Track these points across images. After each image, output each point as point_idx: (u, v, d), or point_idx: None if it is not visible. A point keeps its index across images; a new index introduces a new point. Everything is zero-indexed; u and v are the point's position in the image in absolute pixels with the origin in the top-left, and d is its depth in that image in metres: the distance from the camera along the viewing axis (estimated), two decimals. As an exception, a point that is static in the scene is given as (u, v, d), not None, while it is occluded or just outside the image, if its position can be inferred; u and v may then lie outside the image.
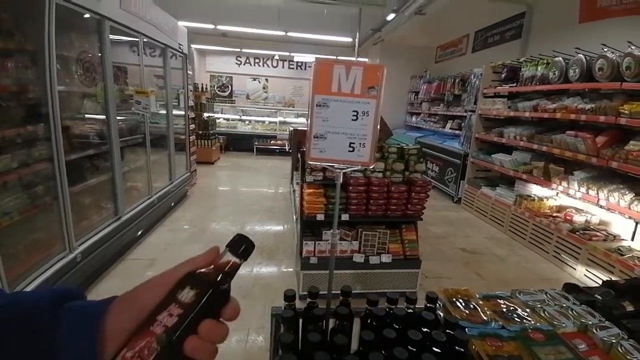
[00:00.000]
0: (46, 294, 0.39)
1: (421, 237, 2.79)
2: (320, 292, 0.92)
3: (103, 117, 2.92)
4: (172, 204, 4.38)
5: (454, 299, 0.93)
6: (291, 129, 6.95)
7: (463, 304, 0.91)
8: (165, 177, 4.36)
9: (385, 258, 2.60)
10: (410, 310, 0.85)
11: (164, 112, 4.34)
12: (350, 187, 2.46)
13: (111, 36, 2.85)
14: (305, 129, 1.13)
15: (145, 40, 3.57)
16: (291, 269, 3.04)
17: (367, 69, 0.97)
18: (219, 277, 0.39)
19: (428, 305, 0.86)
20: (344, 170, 1.11)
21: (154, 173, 3.88)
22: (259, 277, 2.92)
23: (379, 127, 1.02)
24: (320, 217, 2.50)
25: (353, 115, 1.00)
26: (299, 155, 3.47)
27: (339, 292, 0.89)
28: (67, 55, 2.48)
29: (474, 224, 4.66)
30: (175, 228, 3.88)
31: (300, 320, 0.86)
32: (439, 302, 0.92)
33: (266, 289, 2.72)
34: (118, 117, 3.05)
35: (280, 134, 9.11)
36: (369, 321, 0.85)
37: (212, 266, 0.40)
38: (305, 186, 2.56)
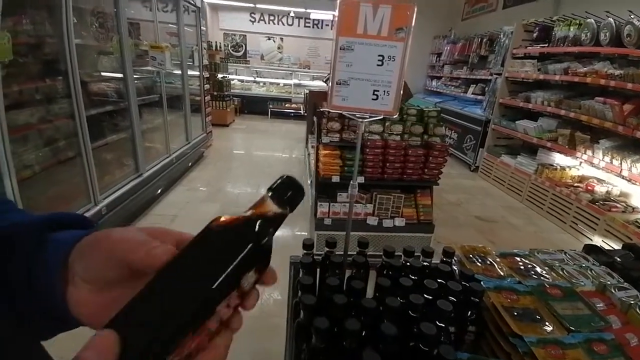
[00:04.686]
0: (39, 219, 0.35)
1: (435, 204, 2.77)
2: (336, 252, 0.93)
3: (120, 75, 2.91)
4: (190, 164, 4.46)
5: (471, 255, 0.94)
6: (307, 91, 6.79)
7: (480, 260, 0.92)
8: (182, 138, 4.40)
9: (399, 222, 2.61)
10: (426, 263, 0.86)
11: (178, 72, 4.29)
12: (367, 150, 2.43)
13: (124, -12, 2.76)
14: (322, 90, 1.10)
15: (158, -7, 3.46)
16: (305, 233, 3.11)
17: (396, 8, 0.89)
18: (260, 227, 0.31)
19: (444, 259, 0.87)
20: (366, 120, 1.08)
21: (171, 133, 3.92)
22: (274, 238, 3.01)
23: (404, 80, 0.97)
24: (335, 178, 2.50)
25: (378, 60, 0.95)
26: (315, 118, 3.41)
27: (353, 253, 0.90)
28: (83, 7, 2.43)
29: (491, 192, 4.59)
30: (193, 187, 3.99)
31: (318, 270, 0.89)
32: (455, 257, 0.93)
33: (280, 248, 2.79)
34: (135, 76, 3.04)
35: (295, 97, 8.92)
36: (385, 272, 0.87)
37: (250, 212, 0.32)
38: (322, 147, 2.54)
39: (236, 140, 6.78)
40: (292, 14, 9.45)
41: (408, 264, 0.86)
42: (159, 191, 3.54)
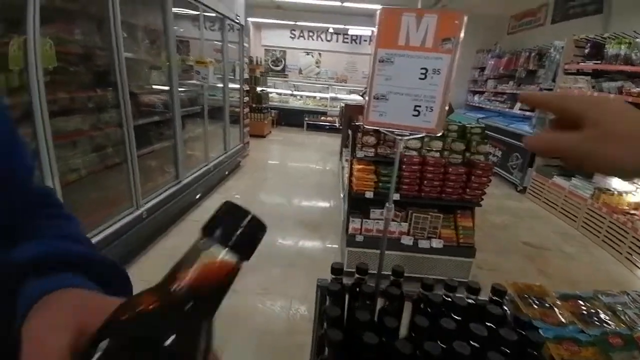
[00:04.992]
0: (24, 261, 0.32)
1: (477, 225, 2.58)
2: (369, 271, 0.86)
3: (167, 87, 3.08)
4: (226, 173, 4.59)
5: (526, 295, 0.81)
6: (342, 105, 6.79)
7: (537, 302, 0.79)
8: (220, 147, 4.56)
9: (436, 243, 2.45)
10: (471, 301, 0.76)
11: (220, 85, 4.47)
12: (404, 166, 2.32)
13: (174, 9, 2.93)
14: (358, 104, 1.04)
15: (205, 14, 3.65)
16: (336, 245, 3.03)
17: (442, 17, 0.81)
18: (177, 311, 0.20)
19: (494, 298, 0.76)
20: (405, 138, 1.00)
21: (210, 143, 4.07)
22: (303, 249, 2.97)
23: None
24: (369, 194, 2.41)
25: (421, 73, 0.86)
26: (350, 131, 3.37)
27: (387, 273, 0.83)
28: (134, 24, 2.60)
29: (540, 216, 4.21)
30: (229, 195, 4.07)
31: (347, 296, 0.82)
32: (506, 296, 0.81)
33: (310, 261, 2.75)
34: (180, 89, 3.20)
35: (330, 110, 8.98)
36: (422, 306, 0.77)
37: (176, 283, 0.20)
38: (356, 162, 2.48)
39: (272, 151, 6.90)
40: (330, 30, 9.62)
41: (450, 299, 0.76)
42: (197, 197, 3.65)
